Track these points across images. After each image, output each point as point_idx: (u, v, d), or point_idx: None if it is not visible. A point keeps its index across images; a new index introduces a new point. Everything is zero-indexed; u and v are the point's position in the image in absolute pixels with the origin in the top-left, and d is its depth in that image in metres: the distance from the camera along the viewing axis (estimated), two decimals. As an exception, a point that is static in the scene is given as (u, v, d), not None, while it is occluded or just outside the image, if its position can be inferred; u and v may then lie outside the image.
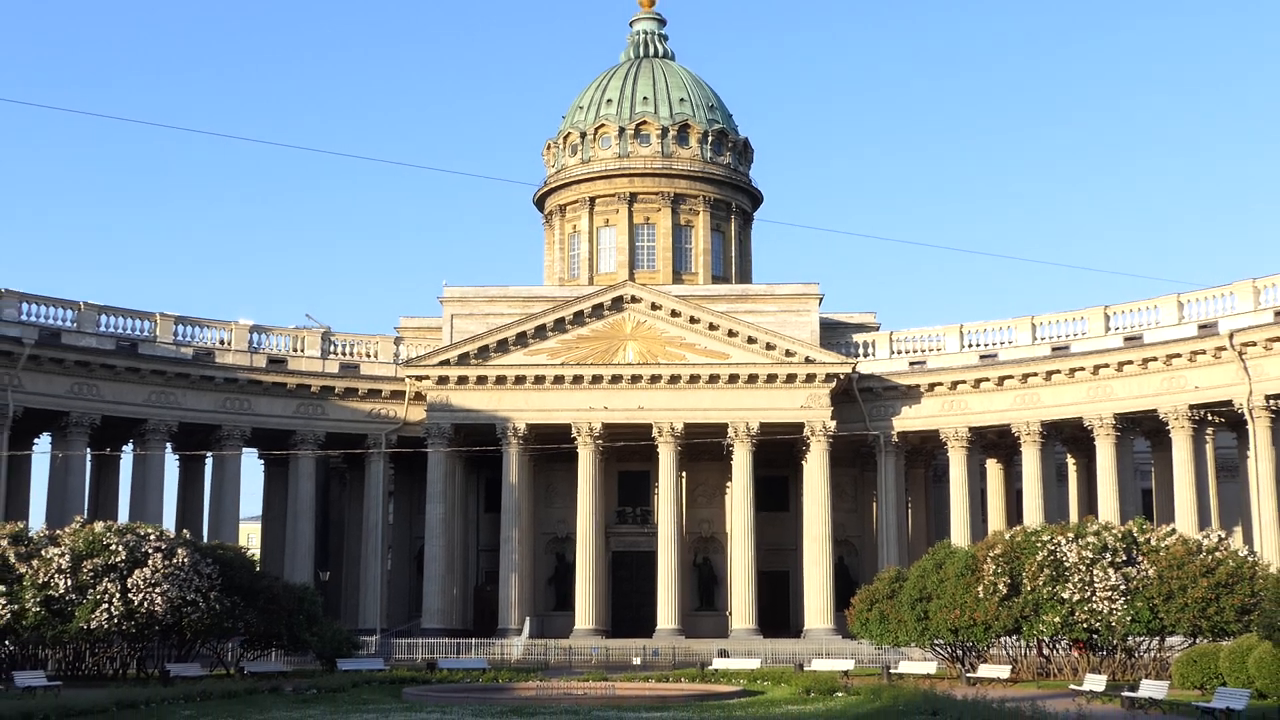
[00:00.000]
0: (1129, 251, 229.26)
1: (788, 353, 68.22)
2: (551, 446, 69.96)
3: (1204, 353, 61.37)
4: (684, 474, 72.18)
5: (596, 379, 68.49)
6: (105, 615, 43.83)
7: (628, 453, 71.67)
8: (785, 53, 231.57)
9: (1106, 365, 64.53)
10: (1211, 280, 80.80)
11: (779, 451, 70.80)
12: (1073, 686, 40.68)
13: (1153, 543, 45.44)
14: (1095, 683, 39.21)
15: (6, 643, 45.70)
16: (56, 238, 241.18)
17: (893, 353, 71.25)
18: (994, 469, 74.32)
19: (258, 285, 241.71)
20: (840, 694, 39.55)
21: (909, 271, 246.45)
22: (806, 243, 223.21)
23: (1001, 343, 69.05)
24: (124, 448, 67.98)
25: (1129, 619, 43.41)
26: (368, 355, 71.70)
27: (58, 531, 47.61)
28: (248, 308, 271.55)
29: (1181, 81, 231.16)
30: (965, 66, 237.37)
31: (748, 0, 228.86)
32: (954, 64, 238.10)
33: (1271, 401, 59.85)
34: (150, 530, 49.10)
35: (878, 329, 74.13)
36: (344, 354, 71.16)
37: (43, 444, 65.98)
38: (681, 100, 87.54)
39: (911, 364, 70.59)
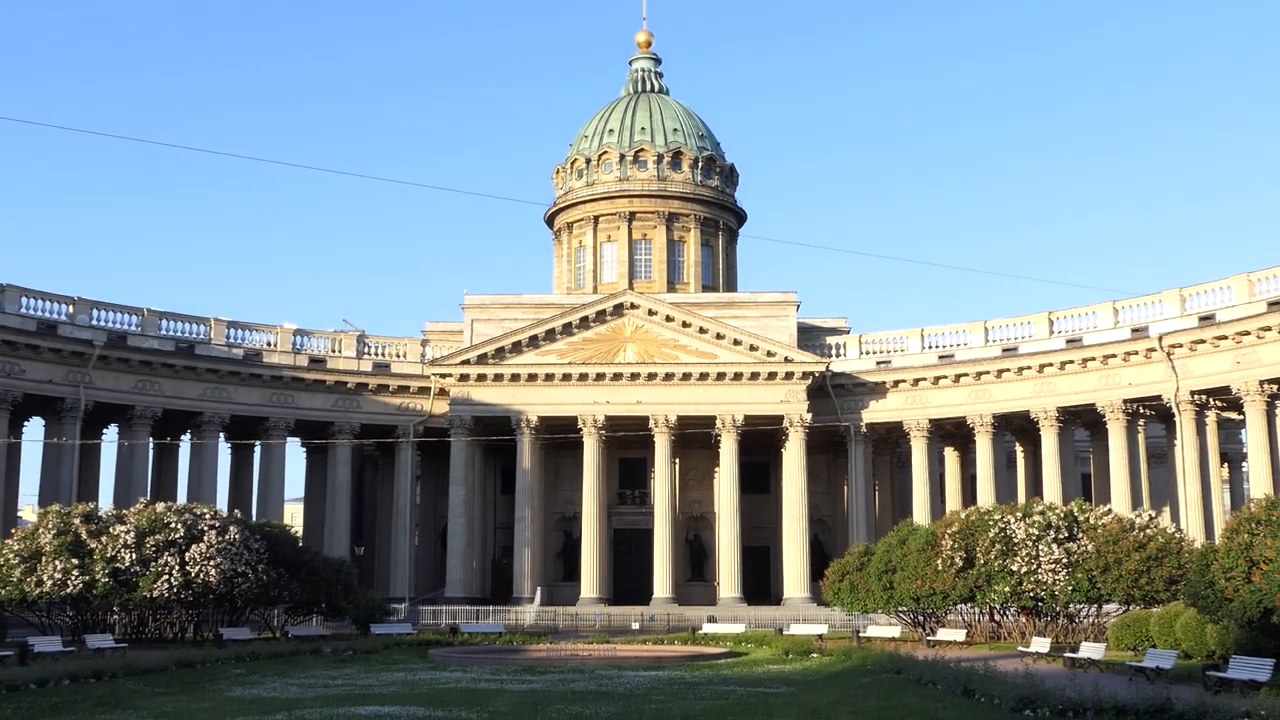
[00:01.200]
0: (1071, 262, 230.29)
1: (769, 353, 68.28)
2: (560, 436, 70.10)
3: (1136, 353, 61.53)
4: (677, 460, 72.23)
5: (600, 376, 68.53)
6: (166, 585, 43.92)
7: (627, 441, 71.65)
8: (768, 84, 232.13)
9: (1050, 364, 64.64)
10: (1143, 289, 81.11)
11: (761, 440, 70.76)
12: (1020, 648, 40.73)
13: (1091, 521, 45.53)
14: (1040, 645, 39.28)
15: (79, 609, 45.71)
16: (123, 248, 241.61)
17: (862, 353, 71.35)
18: (951, 456, 74.35)
19: (300, 292, 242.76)
20: (815, 655, 39.63)
21: (877, 280, 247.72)
22: (786, 255, 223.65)
23: (958, 344, 69.13)
24: (182, 437, 68.08)
25: (1070, 589, 43.49)
26: (397, 355, 71.80)
27: (124, 511, 47.70)
28: (291, 312, 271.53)
29: (1114, 108, 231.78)
30: (926, 93, 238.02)
31: (736, 38, 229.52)
32: (917, 91, 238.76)
33: (1195, 396, 60.06)
34: (205, 510, 49.18)
35: (848, 332, 74.12)
36: (376, 354, 71.29)
37: (110, 434, 65.97)
38: (675, 130, 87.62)
39: (878, 363, 70.65)
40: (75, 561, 42.99)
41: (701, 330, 68.74)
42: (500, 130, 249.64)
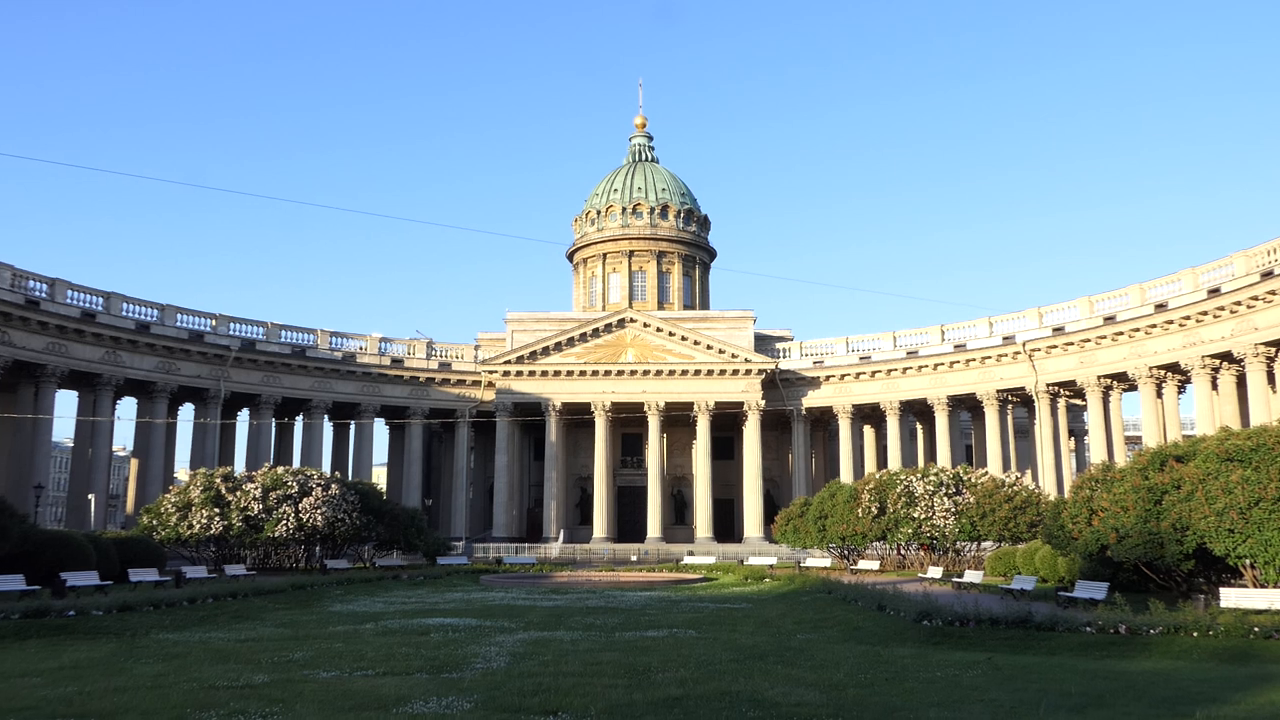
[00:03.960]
0: (959, 285, 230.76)
1: (733, 356, 68.29)
2: (577, 417, 70.07)
3: (1006, 356, 61.76)
4: (665, 435, 72.27)
5: (607, 373, 68.49)
6: (284, 528, 43.89)
7: (628, 421, 71.68)
8: (734, 150, 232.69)
9: (942, 364, 64.79)
10: (1012, 307, 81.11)
11: (727, 420, 70.92)
12: (920, 575, 40.76)
13: (973, 480, 45.63)
14: (935, 572, 39.30)
15: (219, 546, 45.68)
16: (253, 274, 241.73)
17: (802, 355, 71.43)
18: (869, 432, 74.41)
19: (384, 307, 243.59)
20: (768, 579, 39.60)
21: (814, 300, 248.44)
22: (746, 282, 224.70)
23: (874, 349, 69.23)
24: (296, 418, 67.98)
25: (957, 530, 43.60)
26: (457, 357, 71.73)
27: (253, 473, 47.66)
28: (377, 323, 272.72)
29: (998, 155, 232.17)
30: (853, 152, 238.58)
31: (709, 120, 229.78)
32: (847, 152, 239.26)
33: (1050, 388, 60.29)
34: (314, 472, 49.08)
35: (792, 339, 74.20)
36: (441, 356, 71.26)
37: (243, 416, 65.98)
38: (663, 189, 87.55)
39: (814, 363, 70.74)
40: (217, 510, 42.99)
41: (683, 338, 68.72)
42: (536, 189, 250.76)
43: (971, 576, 35.46)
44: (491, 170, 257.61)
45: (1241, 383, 50.61)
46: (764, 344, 72.07)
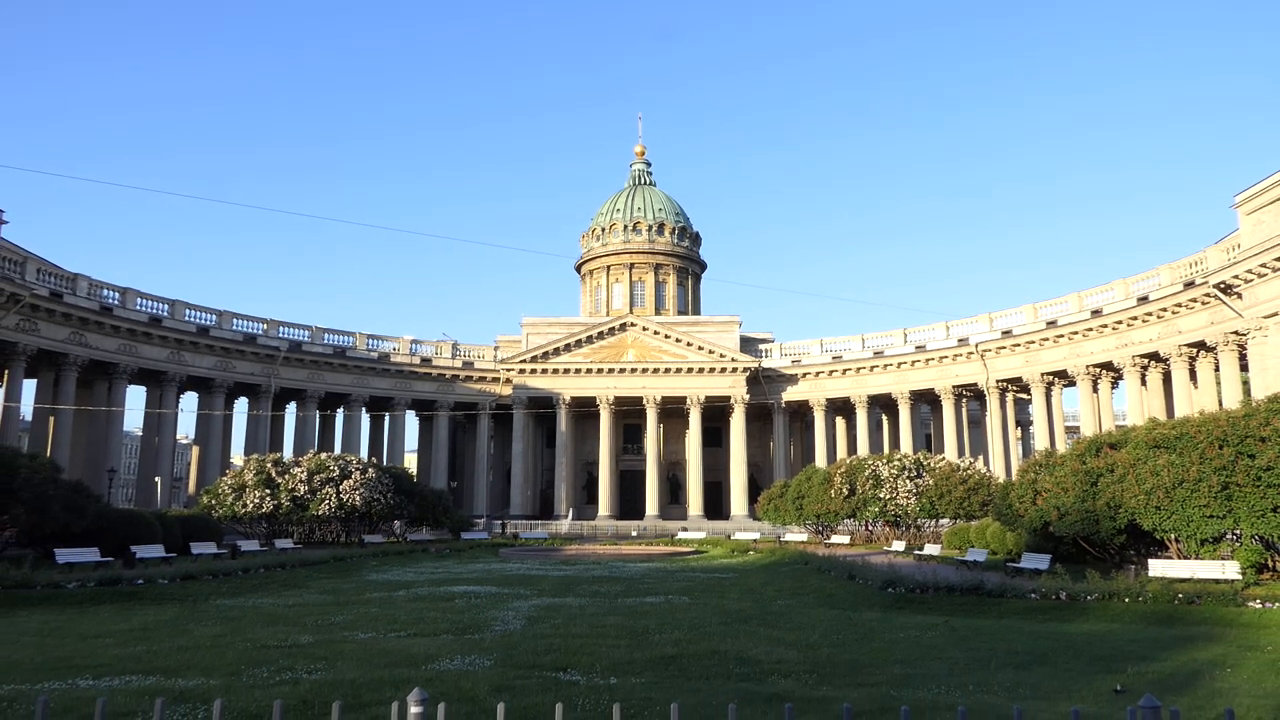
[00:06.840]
0: (921, 292, 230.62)
1: (721, 356, 68.22)
2: (585, 409, 70.04)
3: (961, 356, 61.70)
4: (662, 425, 72.20)
5: (611, 370, 68.42)
6: (326, 507, 43.78)
7: (629, 413, 71.67)
8: (724, 169, 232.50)
9: (905, 363, 64.75)
10: (966, 313, 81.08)
11: (716, 412, 70.82)
12: (885, 548, 40.81)
13: (931, 465, 45.61)
14: (899, 546, 39.37)
15: (270, 523, 45.64)
16: (300, 284, 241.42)
17: (782, 355, 71.35)
18: (840, 422, 74.36)
19: (415, 313, 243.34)
20: (752, 552, 39.61)
21: (792, 306, 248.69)
22: (732, 291, 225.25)
23: (844, 349, 69.18)
24: (338, 410, 67.93)
25: (918, 509, 43.60)
26: (479, 356, 71.57)
27: (299, 459, 47.50)
28: (410, 325, 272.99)
29: (957, 177, 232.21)
30: (826, 176, 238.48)
31: (701, 144, 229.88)
32: (821, 177, 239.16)
33: (999, 384, 60.24)
34: (353, 458, 48.94)
35: (773, 341, 74.10)
36: (465, 356, 71.09)
37: (290, 409, 65.79)
38: (660, 209, 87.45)
39: (792, 362, 70.67)
40: (268, 491, 42.92)
41: (677, 340, 68.65)
42: (548, 209, 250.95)
43: (931, 549, 35.50)
44: (510, 192, 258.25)
45: (1167, 379, 50.67)
46: (748, 345, 72.00)
